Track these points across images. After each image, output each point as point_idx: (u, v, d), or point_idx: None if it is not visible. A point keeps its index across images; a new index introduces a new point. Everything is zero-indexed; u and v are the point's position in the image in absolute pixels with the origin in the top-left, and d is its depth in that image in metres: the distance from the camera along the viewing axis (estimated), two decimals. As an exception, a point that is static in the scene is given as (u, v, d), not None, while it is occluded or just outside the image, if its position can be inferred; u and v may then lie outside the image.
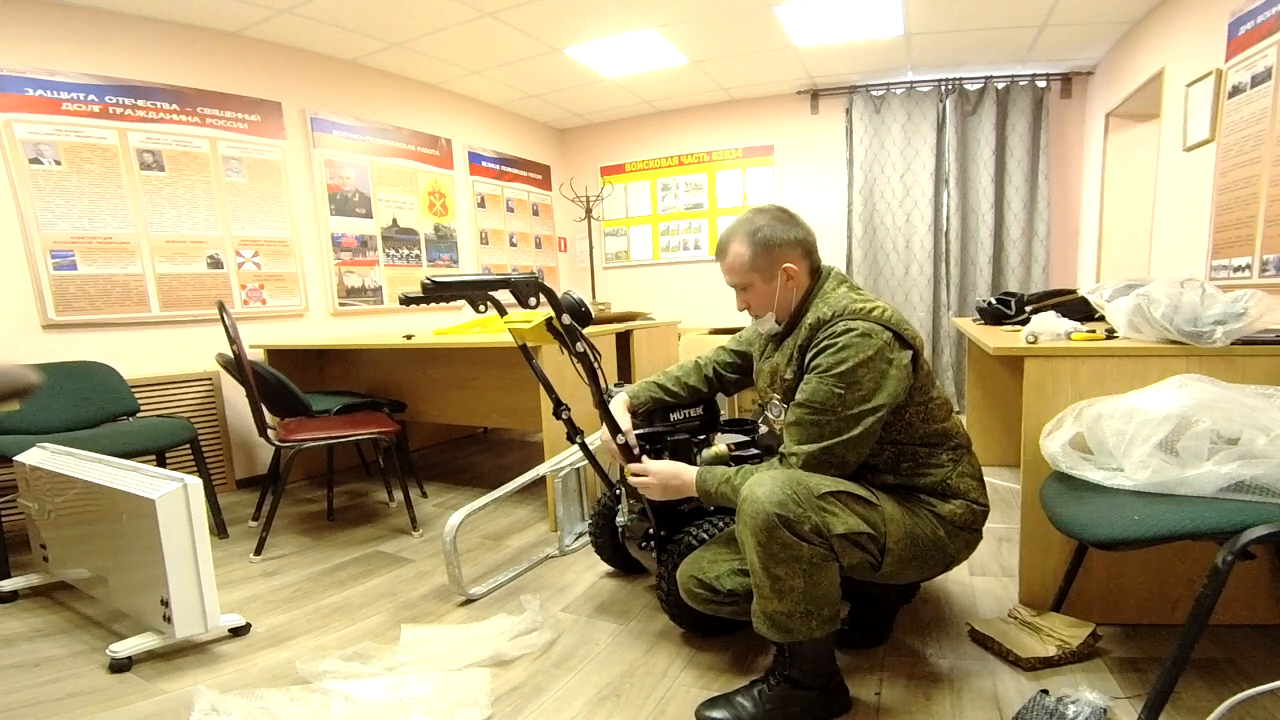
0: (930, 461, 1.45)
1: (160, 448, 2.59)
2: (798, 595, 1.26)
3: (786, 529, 1.24)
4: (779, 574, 1.26)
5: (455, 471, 3.71)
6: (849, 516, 1.29)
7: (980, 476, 1.50)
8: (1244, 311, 1.47)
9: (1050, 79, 4.46)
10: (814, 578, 1.26)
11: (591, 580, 2.16)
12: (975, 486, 1.47)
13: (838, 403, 1.32)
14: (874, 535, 1.31)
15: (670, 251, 5.57)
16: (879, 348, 1.33)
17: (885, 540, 1.33)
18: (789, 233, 1.47)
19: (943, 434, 1.46)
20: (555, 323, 1.77)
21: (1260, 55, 2.49)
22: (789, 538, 1.24)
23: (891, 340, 1.35)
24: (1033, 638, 1.57)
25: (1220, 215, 2.78)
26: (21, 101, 2.75)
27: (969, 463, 1.49)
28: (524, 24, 3.58)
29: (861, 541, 1.30)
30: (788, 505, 1.24)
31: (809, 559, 1.25)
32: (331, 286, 3.94)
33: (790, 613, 1.28)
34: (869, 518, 1.32)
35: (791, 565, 1.26)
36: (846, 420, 1.33)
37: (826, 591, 1.28)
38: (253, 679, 1.63)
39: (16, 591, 2.17)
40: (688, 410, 1.83)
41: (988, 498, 1.49)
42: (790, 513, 1.24)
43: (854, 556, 1.31)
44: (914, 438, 1.44)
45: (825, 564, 1.27)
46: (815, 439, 1.34)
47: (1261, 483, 1.14)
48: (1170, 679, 1.11)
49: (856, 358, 1.32)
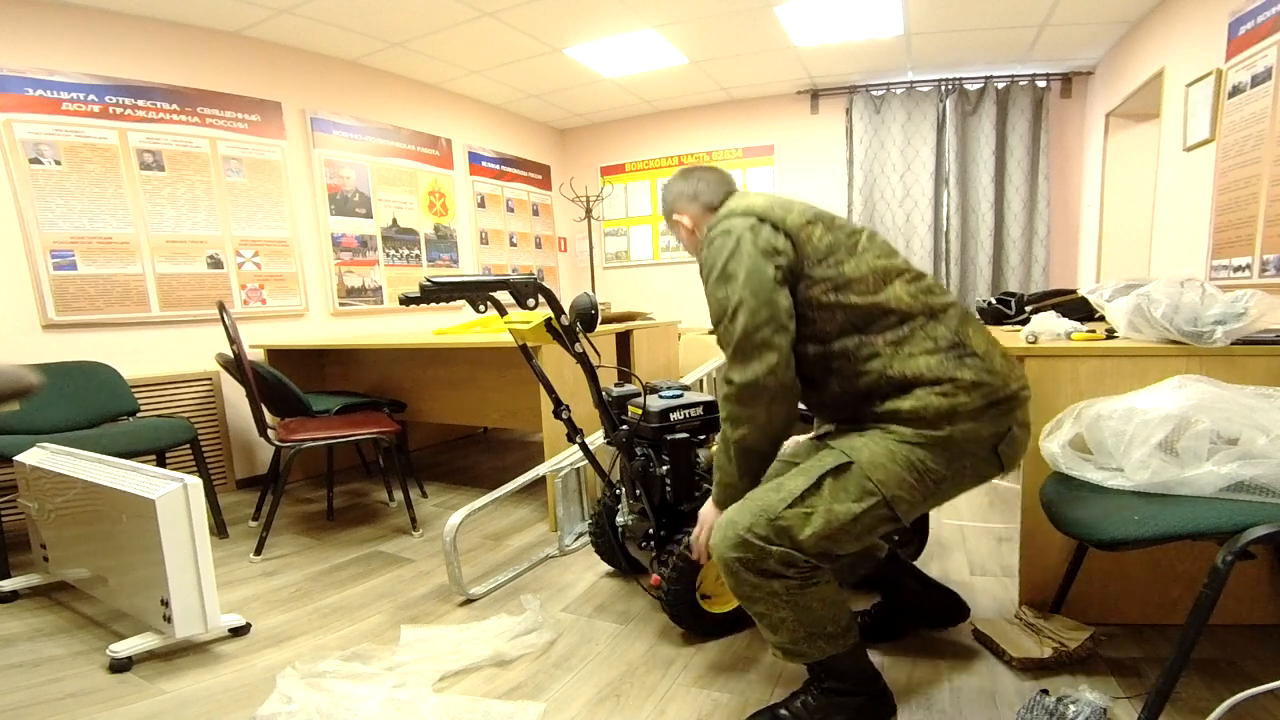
0: (863, 353, 1.25)
1: (160, 448, 2.59)
2: (790, 624, 1.23)
3: (748, 571, 1.20)
4: (762, 611, 1.24)
5: (455, 471, 3.71)
6: (824, 508, 1.19)
7: (952, 344, 1.22)
8: (1244, 311, 1.46)
9: (1050, 79, 4.46)
10: (799, 604, 1.22)
11: (591, 580, 2.16)
12: (937, 363, 1.21)
13: (724, 302, 1.25)
14: (871, 505, 1.19)
15: (670, 251, 5.57)
16: (739, 235, 1.26)
17: (884, 491, 1.19)
18: (675, 188, 1.52)
19: (871, 312, 1.24)
20: (555, 323, 1.78)
21: (1260, 55, 2.49)
22: (754, 579, 1.21)
23: (755, 224, 1.27)
24: (1031, 639, 1.57)
25: (1220, 215, 2.78)
26: (21, 101, 2.75)
27: (924, 336, 1.23)
28: (524, 24, 3.58)
29: (858, 520, 1.19)
30: (744, 545, 1.20)
31: (784, 592, 1.20)
32: (331, 286, 3.94)
33: (793, 640, 1.25)
34: (848, 487, 1.19)
35: (770, 601, 1.22)
36: (740, 333, 1.24)
37: (821, 613, 1.23)
38: (253, 679, 1.63)
39: (16, 591, 2.17)
40: (687, 410, 1.83)
41: (974, 368, 1.21)
42: (749, 553, 1.19)
43: (861, 538, 1.21)
44: (836, 326, 1.25)
45: (807, 589, 1.21)
46: (729, 350, 1.26)
47: (1261, 483, 1.14)
48: (1170, 679, 1.11)
49: (722, 255, 1.27)
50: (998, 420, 1.22)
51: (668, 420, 1.80)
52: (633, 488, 1.84)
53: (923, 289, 1.27)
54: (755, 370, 1.22)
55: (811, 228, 1.28)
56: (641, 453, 1.79)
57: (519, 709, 1.44)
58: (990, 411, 1.21)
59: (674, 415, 1.81)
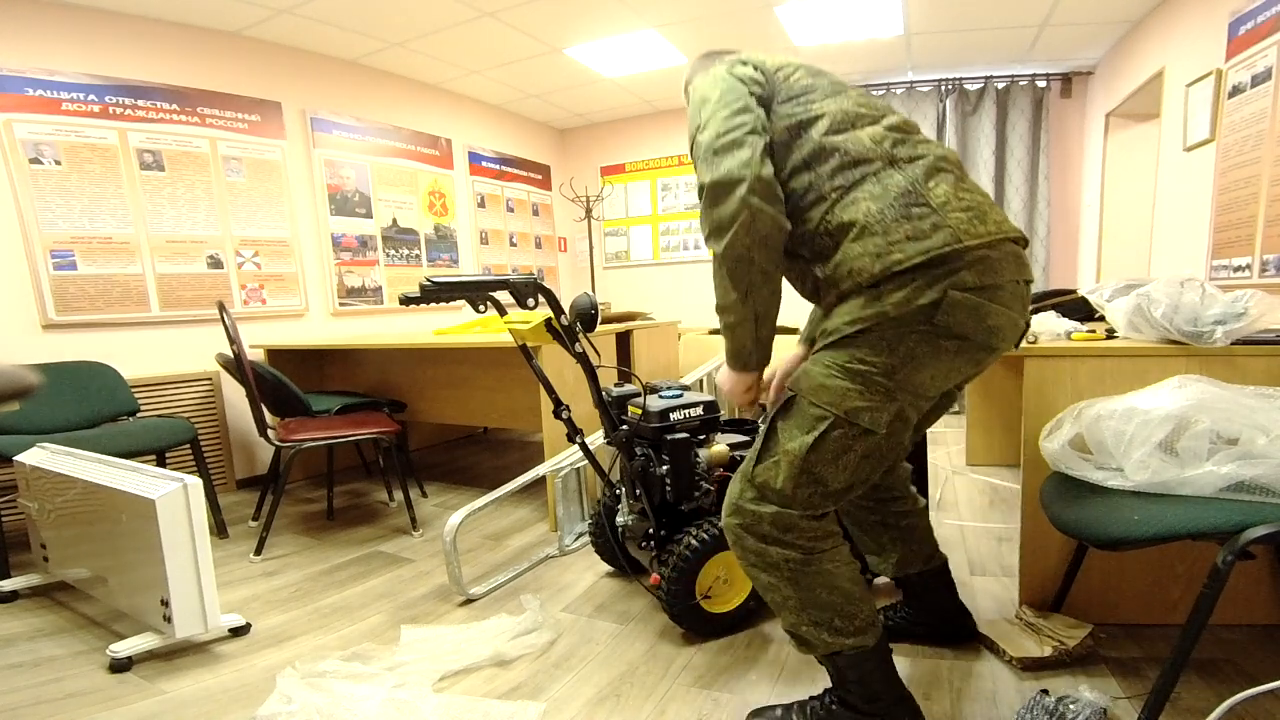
0: (808, 198, 1.17)
1: (160, 448, 2.59)
2: (794, 606, 1.20)
3: (750, 535, 1.20)
4: (767, 582, 1.22)
5: (455, 471, 3.71)
6: (781, 451, 1.16)
7: (904, 193, 1.10)
8: (1244, 311, 1.46)
9: (1050, 79, 4.45)
10: (801, 583, 1.18)
11: (591, 580, 2.16)
12: (877, 211, 1.09)
13: (695, 119, 1.22)
14: (825, 428, 1.12)
15: (670, 251, 5.57)
16: (715, 71, 1.24)
17: (834, 410, 1.12)
18: (692, 64, 1.46)
19: (824, 149, 1.16)
20: (555, 323, 1.78)
21: (1260, 55, 2.49)
22: (756, 544, 1.20)
23: (732, 61, 1.25)
24: (1031, 639, 1.57)
25: (1220, 215, 2.78)
26: (21, 101, 2.75)
27: (874, 182, 1.12)
28: (524, 24, 3.58)
29: (819, 449, 1.13)
30: (739, 510, 1.21)
31: (784, 564, 1.18)
32: (331, 286, 3.94)
33: (796, 624, 1.22)
34: (798, 421, 1.15)
35: (772, 572, 1.20)
36: (712, 135, 1.16)
37: (826, 600, 1.18)
38: (253, 679, 1.63)
39: (16, 591, 2.17)
40: (687, 410, 1.83)
41: (918, 219, 1.08)
42: (745, 518, 1.20)
43: (846, 467, 1.14)
44: (789, 163, 1.19)
45: (810, 565, 1.18)
46: (700, 161, 1.19)
47: (1261, 483, 1.14)
48: (1170, 679, 1.11)
49: (701, 88, 1.24)
50: (934, 283, 1.06)
51: (668, 420, 1.80)
52: (633, 488, 1.84)
53: (894, 139, 1.16)
54: (727, 165, 1.13)
55: (791, 69, 1.25)
56: (641, 453, 1.79)
57: (519, 709, 1.44)
58: (926, 273, 1.06)
59: (674, 415, 1.81)
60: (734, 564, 1.77)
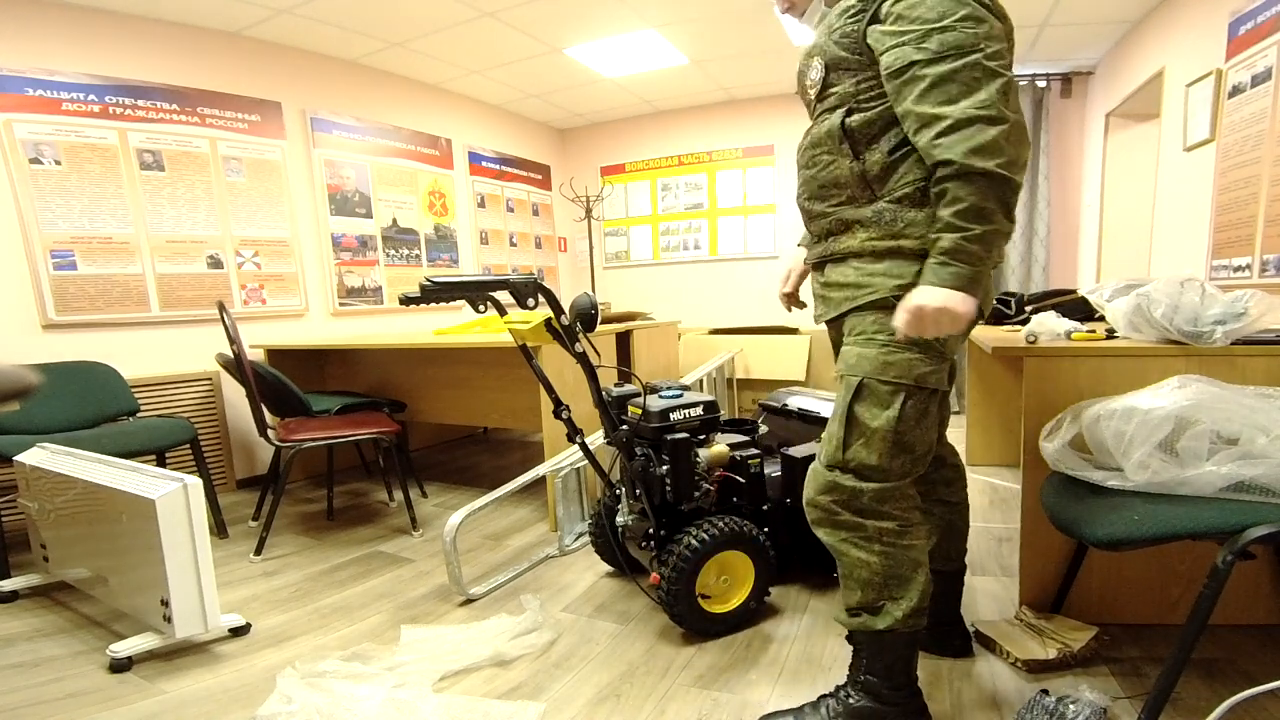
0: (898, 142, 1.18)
1: (160, 448, 2.59)
2: (880, 579, 1.22)
3: (847, 511, 1.22)
4: (854, 559, 1.23)
5: (455, 471, 3.71)
6: (869, 431, 1.20)
7: None
8: (1244, 311, 1.46)
9: (1050, 79, 4.45)
10: (892, 554, 1.21)
11: (591, 580, 2.16)
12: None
13: (969, 35, 1.06)
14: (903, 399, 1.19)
15: (670, 251, 5.57)
16: None
17: (906, 380, 1.19)
18: None
19: None
20: (555, 323, 1.78)
21: (1260, 55, 2.49)
22: (852, 518, 1.22)
23: None
24: (1035, 640, 1.57)
25: (1220, 215, 2.78)
26: (21, 101, 2.75)
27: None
28: (524, 24, 3.58)
29: (902, 418, 1.19)
30: (836, 488, 1.22)
31: (879, 536, 1.21)
32: (331, 286, 3.94)
33: (876, 599, 1.23)
34: (874, 403, 1.20)
35: (865, 547, 1.22)
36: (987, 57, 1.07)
37: (908, 576, 1.22)
38: (253, 679, 1.63)
39: (16, 591, 2.17)
40: (687, 410, 1.83)
41: None
42: (843, 494, 1.22)
43: (926, 426, 1.22)
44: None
45: (904, 537, 1.22)
46: (960, 93, 1.06)
47: (1261, 483, 1.14)
48: (1170, 679, 1.11)
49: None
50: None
51: (668, 420, 1.80)
52: (633, 488, 1.84)
53: None
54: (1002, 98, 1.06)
55: None
56: (641, 453, 1.79)
57: (519, 709, 1.44)
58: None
59: (674, 415, 1.81)
60: (734, 564, 1.77)
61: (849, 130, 1.21)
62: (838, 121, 1.21)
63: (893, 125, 1.18)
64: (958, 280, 1.08)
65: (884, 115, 1.18)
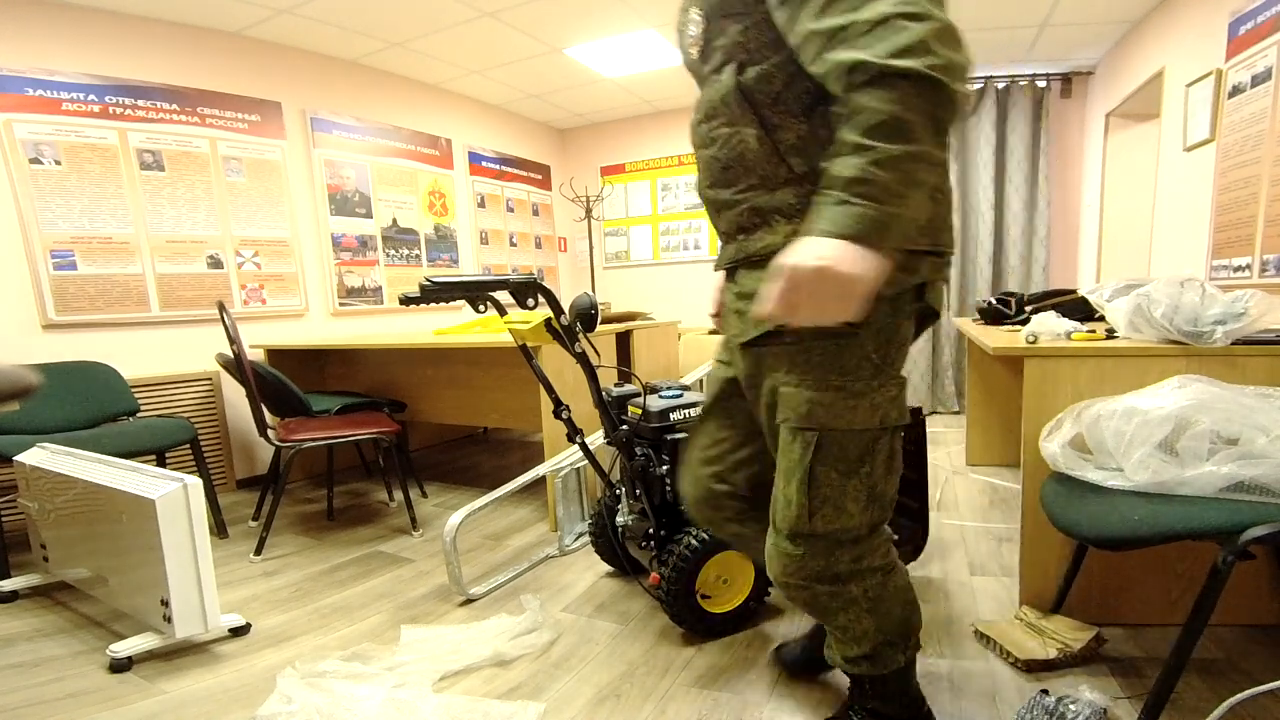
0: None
1: (160, 448, 2.59)
2: (873, 631, 1.12)
3: (822, 583, 1.08)
4: (844, 623, 1.12)
5: (455, 471, 3.71)
6: (839, 491, 1.03)
7: None
8: (1244, 311, 1.47)
9: (1050, 79, 4.45)
10: (879, 610, 1.10)
11: (591, 580, 2.16)
12: None
13: None
14: (869, 443, 1.02)
15: (670, 251, 5.57)
16: None
17: (872, 422, 1.01)
18: None
19: None
20: (554, 323, 1.78)
21: (1260, 55, 2.49)
22: (830, 588, 1.08)
23: None
24: (1035, 640, 1.57)
25: (1220, 215, 2.78)
26: (21, 101, 2.75)
27: None
28: (524, 24, 3.58)
29: (872, 463, 1.03)
30: (803, 567, 1.07)
31: (863, 597, 1.09)
32: (331, 286, 3.94)
33: (873, 650, 1.14)
34: (838, 457, 1.02)
35: (850, 610, 1.10)
36: None
37: (900, 615, 1.12)
38: (253, 679, 1.63)
39: (16, 591, 2.17)
40: (687, 410, 1.83)
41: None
42: (815, 566, 1.07)
43: (894, 465, 1.07)
44: None
45: (885, 588, 1.10)
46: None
47: (1261, 483, 1.14)
48: (1170, 679, 1.11)
49: None
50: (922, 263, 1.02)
51: (668, 420, 1.80)
52: (633, 488, 1.84)
53: None
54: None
55: None
56: (641, 453, 1.79)
57: (519, 709, 1.44)
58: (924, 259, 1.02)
59: (674, 415, 1.81)
60: (734, 564, 1.77)
61: (746, 90, 0.96)
62: (730, 81, 0.97)
63: (801, 77, 0.93)
64: (857, 225, 0.78)
65: (787, 66, 0.93)
